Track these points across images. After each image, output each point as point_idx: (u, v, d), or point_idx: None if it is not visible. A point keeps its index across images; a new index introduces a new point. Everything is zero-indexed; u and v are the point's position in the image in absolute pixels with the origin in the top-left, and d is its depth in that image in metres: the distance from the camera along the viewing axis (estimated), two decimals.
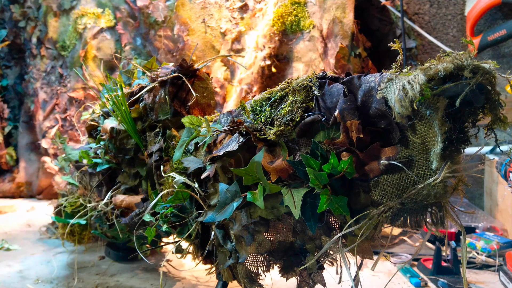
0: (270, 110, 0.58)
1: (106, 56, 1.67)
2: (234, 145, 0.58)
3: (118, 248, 1.06)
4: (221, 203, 0.55)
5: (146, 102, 0.86)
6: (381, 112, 0.48)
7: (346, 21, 1.39)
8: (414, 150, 0.48)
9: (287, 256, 0.58)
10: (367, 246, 0.53)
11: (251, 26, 1.51)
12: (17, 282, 0.94)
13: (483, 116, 0.46)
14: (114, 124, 0.90)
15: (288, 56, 1.46)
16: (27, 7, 1.84)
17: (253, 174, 0.51)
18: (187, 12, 1.58)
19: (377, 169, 0.49)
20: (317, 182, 0.50)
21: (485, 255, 1.03)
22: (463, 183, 0.47)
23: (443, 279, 0.91)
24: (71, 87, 1.75)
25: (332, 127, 0.52)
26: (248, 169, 0.51)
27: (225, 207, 0.55)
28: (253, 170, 0.51)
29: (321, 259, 0.57)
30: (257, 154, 0.50)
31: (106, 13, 1.68)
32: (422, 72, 0.44)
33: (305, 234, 0.57)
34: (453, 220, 0.49)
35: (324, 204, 0.50)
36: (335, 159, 0.49)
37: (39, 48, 1.82)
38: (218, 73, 1.52)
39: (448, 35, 1.56)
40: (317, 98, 0.54)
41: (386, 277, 0.95)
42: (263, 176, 0.51)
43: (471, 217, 1.27)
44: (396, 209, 0.49)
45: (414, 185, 0.48)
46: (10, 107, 1.92)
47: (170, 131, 0.81)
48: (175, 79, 0.84)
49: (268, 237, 0.60)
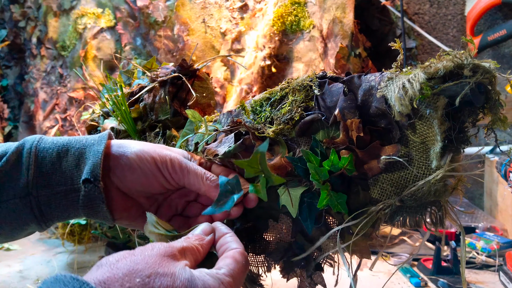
0: (270, 110, 0.58)
1: (106, 56, 1.67)
2: (226, 146, 0.58)
3: (118, 248, 1.06)
4: (221, 195, 0.53)
5: (146, 102, 0.86)
6: (381, 111, 0.48)
7: (346, 21, 1.39)
8: (413, 149, 0.48)
9: (287, 257, 0.58)
10: (365, 246, 0.53)
11: (251, 26, 1.51)
12: (17, 282, 0.94)
13: (483, 116, 0.46)
14: (114, 124, 0.90)
15: (288, 56, 1.46)
16: (27, 7, 1.84)
17: (255, 166, 0.49)
18: (187, 12, 1.58)
19: (376, 167, 0.49)
20: (318, 177, 0.49)
21: (485, 255, 1.03)
22: (462, 183, 0.47)
23: (443, 279, 0.91)
24: (71, 87, 1.75)
25: (332, 126, 0.52)
26: (251, 160, 0.48)
27: (225, 199, 0.52)
28: (256, 161, 0.48)
29: (321, 260, 0.57)
30: (261, 145, 0.46)
31: (106, 13, 1.68)
32: (422, 70, 0.44)
33: (303, 235, 0.57)
34: (452, 220, 0.49)
35: (324, 200, 0.49)
36: (335, 156, 0.49)
37: (39, 48, 1.82)
38: (218, 73, 1.52)
39: (448, 35, 1.56)
40: (317, 98, 0.54)
41: (386, 277, 0.95)
42: (266, 167, 0.49)
43: (471, 217, 1.27)
44: (395, 207, 0.49)
45: (413, 183, 0.48)
46: (10, 107, 1.92)
47: (170, 131, 0.81)
48: (175, 79, 0.84)
49: (268, 238, 0.60)
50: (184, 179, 0.54)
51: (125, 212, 0.54)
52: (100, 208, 0.51)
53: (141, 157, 0.52)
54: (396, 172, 0.49)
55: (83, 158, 0.51)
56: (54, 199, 0.50)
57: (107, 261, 0.37)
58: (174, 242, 0.42)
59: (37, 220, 0.50)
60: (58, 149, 0.51)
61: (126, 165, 0.52)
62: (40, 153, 0.51)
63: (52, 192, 0.50)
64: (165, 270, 0.36)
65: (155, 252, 0.38)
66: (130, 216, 0.55)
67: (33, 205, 0.49)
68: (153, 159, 0.52)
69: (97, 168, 0.49)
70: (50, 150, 0.51)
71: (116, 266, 0.35)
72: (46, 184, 0.50)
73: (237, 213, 0.54)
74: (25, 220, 0.50)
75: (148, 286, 0.34)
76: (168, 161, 0.53)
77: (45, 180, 0.50)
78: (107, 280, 0.33)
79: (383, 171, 0.49)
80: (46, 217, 0.51)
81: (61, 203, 0.50)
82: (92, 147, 0.52)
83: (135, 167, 0.52)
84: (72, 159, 0.51)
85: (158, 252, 0.38)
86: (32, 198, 0.49)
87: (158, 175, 0.53)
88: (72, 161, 0.51)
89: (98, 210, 0.51)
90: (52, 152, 0.51)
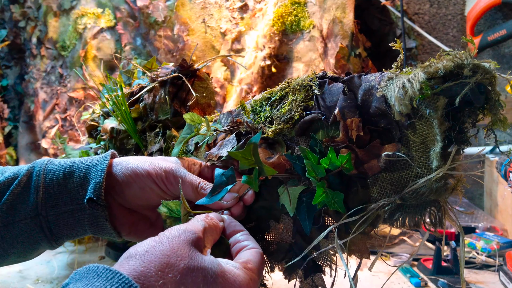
0: (270, 109, 0.58)
1: (106, 56, 1.67)
2: (229, 147, 0.58)
3: (118, 248, 1.06)
4: (215, 186, 0.53)
5: (146, 102, 0.86)
6: (381, 111, 0.48)
7: (346, 21, 1.39)
8: (413, 149, 0.48)
9: (288, 258, 0.58)
10: (364, 245, 0.53)
11: (251, 26, 1.51)
12: (17, 282, 0.94)
13: (483, 116, 0.46)
14: (114, 124, 0.90)
15: (288, 56, 1.46)
16: (27, 7, 1.84)
17: (249, 158, 0.49)
18: (187, 12, 1.58)
19: (376, 166, 0.49)
20: (314, 174, 0.50)
21: (485, 255, 1.03)
22: (462, 183, 0.47)
23: (443, 279, 0.91)
24: (71, 87, 1.75)
25: (332, 125, 0.52)
26: (245, 151, 0.49)
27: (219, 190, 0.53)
28: (249, 152, 0.49)
29: (320, 261, 0.57)
30: (254, 136, 0.47)
31: (106, 13, 1.68)
32: (422, 70, 0.44)
33: (303, 236, 0.57)
34: (451, 220, 0.49)
35: (319, 197, 0.49)
36: (333, 154, 0.49)
37: (39, 48, 1.82)
38: (218, 73, 1.52)
39: (448, 35, 1.56)
40: (316, 97, 0.54)
41: (386, 277, 0.95)
42: (258, 158, 0.49)
43: (471, 217, 1.27)
44: (395, 205, 0.49)
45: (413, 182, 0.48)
46: (10, 107, 1.92)
47: (170, 131, 0.81)
48: (175, 79, 0.84)
49: (270, 238, 0.60)
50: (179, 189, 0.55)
51: (133, 226, 0.57)
52: (104, 226, 0.53)
53: (136, 173, 0.55)
54: (396, 171, 0.49)
55: (87, 178, 0.54)
56: (62, 218, 0.53)
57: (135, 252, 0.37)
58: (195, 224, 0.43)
59: (47, 239, 0.53)
60: (64, 171, 0.54)
61: (123, 182, 0.54)
62: (48, 175, 0.53)
63: (60, 212, 0.53)
64: (195, 264, 0.37)
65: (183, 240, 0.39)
66: (138, 230, 0.57)
67: (43, 224, 0.52)
68: (148, 173, 0.55)
69: (99, 187, 0.52)
70: (57, 172, 0.54)
71: (147, 259, 0.36)
72: (54, 204, 0.52)
73: (238, 211, 0.55)
74: (36, 239, 0.52)
75: (181, 282, 0.35)
76: (163, 173, 0.55)
77: (53, 200, 0.52)
78: (141, 275, 0.34)
79: (383, 170, 0.49)
80: (55, 236, 0.53)
81: (69, 222, 0.53)
82: (96, 167, 0.54)
83: (131, 183, 0.55)
84: (77, 179, 0.54)
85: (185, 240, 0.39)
86: (42, 218, 0.52)
87: (154, 188, 0.55)
88: (78, 181, 0.53)
89: (103, 227, 0.54)
90: (59, 174, 0.54)
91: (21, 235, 0.52)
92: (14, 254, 0.53)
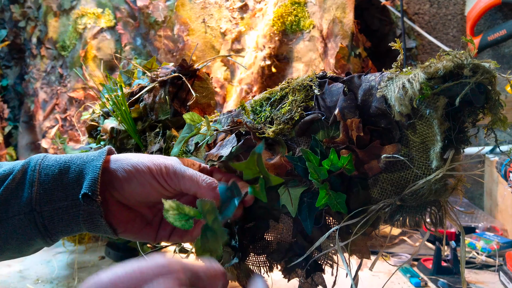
0: (270, 110, 0.58)
1: (106, 56, 1.67)
2: (229, 147, 0.58)
3: (118, 248, 1.06)
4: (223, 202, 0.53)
5: (146, 102, 0.86)
6: (381, 111, 0.48)
7: (346, 21, 1.39)
8: (413, 149, 0.48)
9: (288, 257, 0.58)
10: (365, 246, 0.53)
11: (251, 26, 1.51)
12: (17, 282, 0.94)
13: (483, 116, 0.46)
14: (114, 124, 0.90)
15: (288, 56, 1.46)
16: (27, 7, 1.84)
17: (253, 168, 0.48)
18: (187, 12, 1.58)
19: (377, 167, 0.49)
20: (317, 176, 0.49)
21: (485, 255, 1.03)
22: (462, 183, 0.47)
23: (443, 279, 0.91)
24: (71, 87, 1.75)
25: (332, 126, 0.52)
26: (249, 162, 0.48)
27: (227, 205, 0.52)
28: (253, 163, 0.48)
29: (320, 260, 0.57)
30: (257, 146, 0.46)
31: (106, 13, 1.68)
32: (422, 70, 0.44)
33: (303, 235, 0.57)
34: (452, 220, 0.49)
35: (322, 199, 0.49)
36: (335, 155, 0.49)
37: (39, 48, 1.82)
38: (218, 73, 1.52)
39: (448, 35, 1.56)
40: (317, 97, 0.54)
41: (386, 277, 0.95)
42: (264, 168, 0.48)
43: (471, 217, 1.27)
44: (395, 206, 0.49)
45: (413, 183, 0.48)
46: (10, 107, 1.92)
47: (170, 131, 0.81)
48: (175, 79, 0.84)
49: (269, 238, 0.60)
50: (180, 184, 0.55)
51: (129, 224, 0.56)
52: (99, 223, 0.53)
53: (137, 168, 0.54)
54: (396, 171, 0.49)
55: (82, 174, 0.53)
56: (56, 214, 0.52)
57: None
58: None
59: (42, 235, 0.52)
60: (60, 166, 0.53)
61: (123, 177, 0.54)
62: (43, 170, 0.52)
63: (55, 208, 0.52)
64: None
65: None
66: (134, 228, 0.57)
67: (37, 220, 0.51)
68: (148, 168, 0.54)
69: (95, 183, 0.51)
70: (52, 167, 0.53)
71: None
72: (48, 200, 0.51)
73: (238, 213, 0.54)
74: (30, 235, 0.52)
75: None
76: (163, 168, 0.55)
77: (48, 196, 0.52)
78: None
79: (383, 170, 0.49)
80: (50, 232, 0.52)
81: (64, 218, 0.52)
82: (92, 162, 0.53)
83: (131, 178, 0.54)
84: (73, 175, 0.53)
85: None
86: (36, 214, 0.51)
87: (153, 183, 0.55)
88: (73, 177, 0.53)
89: (98, 224, 0.53)
90: (55, 169, 0.53)
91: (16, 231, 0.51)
92: (9, 250, 0.52)
